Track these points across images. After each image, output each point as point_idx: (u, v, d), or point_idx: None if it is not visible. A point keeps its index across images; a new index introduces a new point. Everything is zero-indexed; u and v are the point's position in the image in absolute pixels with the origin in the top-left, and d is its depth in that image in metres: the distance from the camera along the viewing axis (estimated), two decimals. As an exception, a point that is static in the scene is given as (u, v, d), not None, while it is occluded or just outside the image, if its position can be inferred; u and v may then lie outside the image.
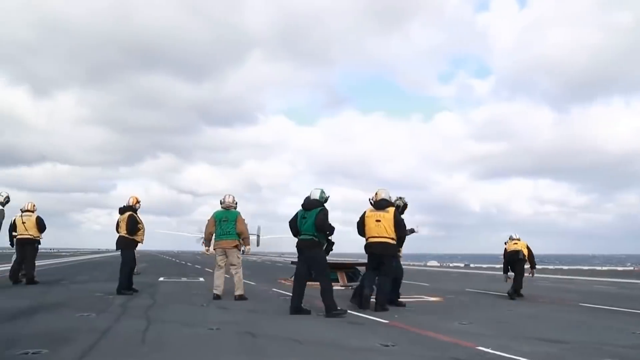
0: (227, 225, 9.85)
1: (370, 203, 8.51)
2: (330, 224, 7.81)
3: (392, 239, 8.24)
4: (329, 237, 7.91)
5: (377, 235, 8.25)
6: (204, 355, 4.82)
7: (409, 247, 9.51)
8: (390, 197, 8.57)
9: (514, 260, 11.50)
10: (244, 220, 10.08)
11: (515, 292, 10.99)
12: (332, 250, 8.05)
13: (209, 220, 10.06)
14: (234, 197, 10.21)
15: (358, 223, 8.57)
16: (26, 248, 12.08)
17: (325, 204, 7.97)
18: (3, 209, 9.36)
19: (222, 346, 5.23)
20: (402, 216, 9.07)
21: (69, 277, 15.57)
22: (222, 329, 6.15)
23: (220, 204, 10.11)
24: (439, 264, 42.18)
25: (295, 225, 7.97)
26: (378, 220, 8.24)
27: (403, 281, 9.57)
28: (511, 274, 11.67)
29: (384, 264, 8.31)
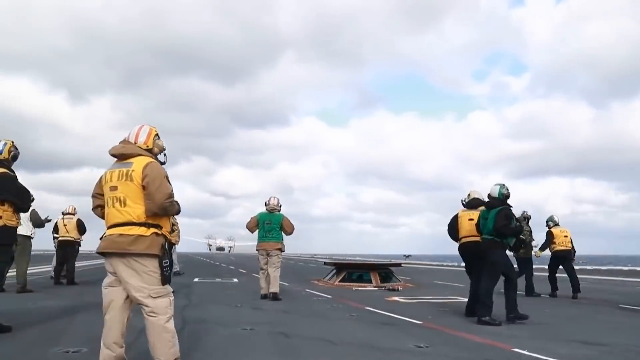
0: (270, 227, 9.91)
1: (462, 204, 8.35)
2: (510, 226, 7.27)
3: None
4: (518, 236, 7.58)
5: (470, 234, 8.01)
6: (239, 355, 4.88)
7: (440, 248, 9.41)
8: (483, 198, 8.25)
9: (565, 258, 11.43)
10: (289, 220, 10.07)
11: (575, 291, 10.97)
12: (521, 241, 7.73)
13: (251, 218, 10.14)
14: (278, 200, 10.16)
15: (450, 225, 8.36)
16: (67, 249, 12.61)
17: (507, 201, 7.53)
18: (35, 210, 9.53)
19: (256, 346, 5.29)
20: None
21: (107, 278, 15.95)
22: (256, 329, 6.22)
23: (265, 205, 10.14)
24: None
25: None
26: (471, 219, 8.02)
27: (437, 282, 9.46)
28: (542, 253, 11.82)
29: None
